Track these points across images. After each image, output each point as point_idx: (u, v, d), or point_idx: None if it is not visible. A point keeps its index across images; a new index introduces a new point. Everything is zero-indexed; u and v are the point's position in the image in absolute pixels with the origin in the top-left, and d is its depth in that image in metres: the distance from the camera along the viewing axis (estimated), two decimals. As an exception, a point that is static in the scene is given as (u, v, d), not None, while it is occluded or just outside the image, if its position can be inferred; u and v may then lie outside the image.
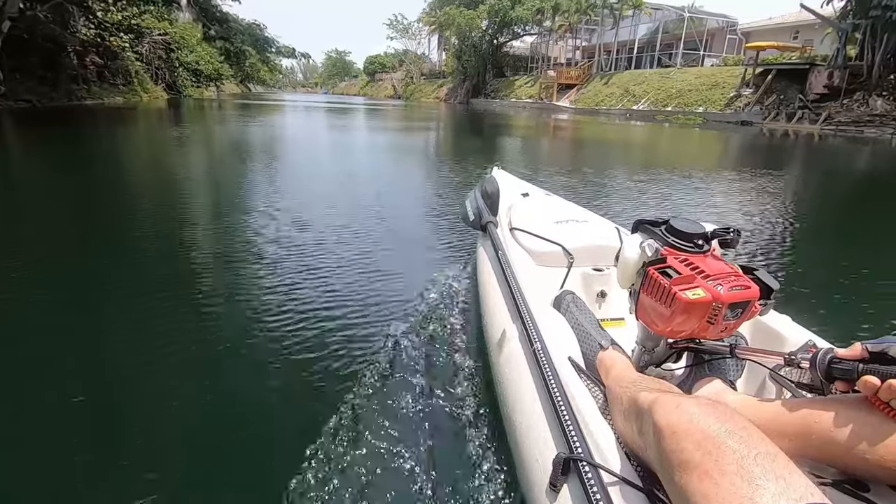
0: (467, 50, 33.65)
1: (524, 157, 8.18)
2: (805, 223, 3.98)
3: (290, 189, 4.64)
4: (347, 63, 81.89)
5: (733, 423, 0.52)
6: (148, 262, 2.54)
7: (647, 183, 5.34)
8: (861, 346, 0.63)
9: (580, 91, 25.48)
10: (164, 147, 7.61)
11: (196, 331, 1.78)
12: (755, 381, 1.06)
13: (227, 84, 51.54)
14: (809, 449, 0.65)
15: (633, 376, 0.86)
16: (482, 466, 1.12)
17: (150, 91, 20.12)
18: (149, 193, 4.36)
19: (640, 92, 21.44)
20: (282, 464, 1.14)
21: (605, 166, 6.79)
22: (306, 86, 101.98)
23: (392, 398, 1.37)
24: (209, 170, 5.87)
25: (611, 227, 1.76)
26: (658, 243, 0.93)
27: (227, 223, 3.26)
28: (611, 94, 23.08)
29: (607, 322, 1.44)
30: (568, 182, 5.30)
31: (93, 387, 1.43)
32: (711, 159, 8.64)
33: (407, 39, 49.16)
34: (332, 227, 3.13)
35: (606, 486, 0.66)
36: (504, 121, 17.88)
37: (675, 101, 19.34)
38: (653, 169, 6.56)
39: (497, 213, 1.90)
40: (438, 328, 1.77)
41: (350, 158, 7.33)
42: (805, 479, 0.46)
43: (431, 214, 3.76)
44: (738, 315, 0.83)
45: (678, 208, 4.24)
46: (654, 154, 9.58)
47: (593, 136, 13.17)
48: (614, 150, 9.77)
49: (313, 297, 2.07)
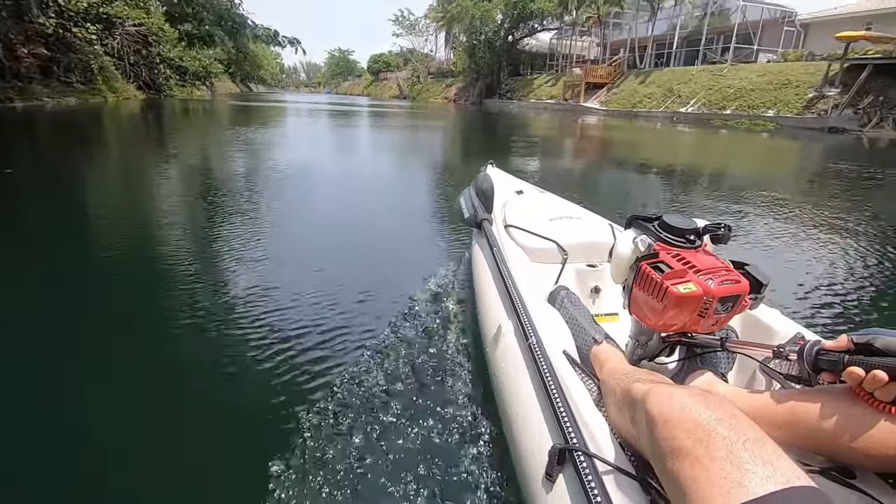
0: (481, 46, 30.77)
1: (560, 173, 6.36)
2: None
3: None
4: (351, 62, 79.45)
5: (723, 411, 0.53)
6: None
7: (746, 218, 3.73)
8: (847, 338, 0.64)
9: (611, 91, 22.59)
10: (90, 175, 4.91)
11: (188, 329, 1.74)
12: (746, 373, 1.07)
13: (224, 83, 48.94)
14: (798, 438, 0.67)
15: (627, 368, 0.89)
16: (480, 458, 1.14)
17: (121, 90, 17.28)
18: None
19: (687, 92, 18.54)
20: (278, 454, 1.13)
21: (676, 190, 5.10)
22: (309, 85, 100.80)
23: (389, 392, 1.37)
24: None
25: (604, 224, 1.77)
26: (651, 239, 0.94)
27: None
28: (650, 94, 20.18)
29: (601, 317, 1.43)
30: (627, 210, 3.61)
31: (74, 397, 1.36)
32: (815, 184, 5.93)
33: (413, 36, 46.38)
34: (332, 226, 3.24)
35: (601, 475, 0.67)
36: (526, 124, 15.34)
37: (733, 103, 16.44)
38: (740, 195, 4.63)
39: (492, 211, 1.89)
40: (434, 324, 1.76)
41: (357, 173, 5.92)
42: (792, 463, 0.47)
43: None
44: (729, 309, 0.84)
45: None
46: (727, 169, 7.15)
47: (640, 144, 10.55)
48: (677, 163, 7.48)
49: (310, 291, 2.08)
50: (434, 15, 41.23)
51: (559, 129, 14.25)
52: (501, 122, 15.86)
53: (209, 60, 25.06)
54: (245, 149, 7.16)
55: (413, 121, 16.19)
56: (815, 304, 2.14)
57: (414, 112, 21.75)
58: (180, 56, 22.47)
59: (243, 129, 10.22)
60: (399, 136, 11.23)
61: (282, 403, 1.33)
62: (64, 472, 1.11)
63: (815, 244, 3.11)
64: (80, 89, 14.33)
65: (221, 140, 8.32)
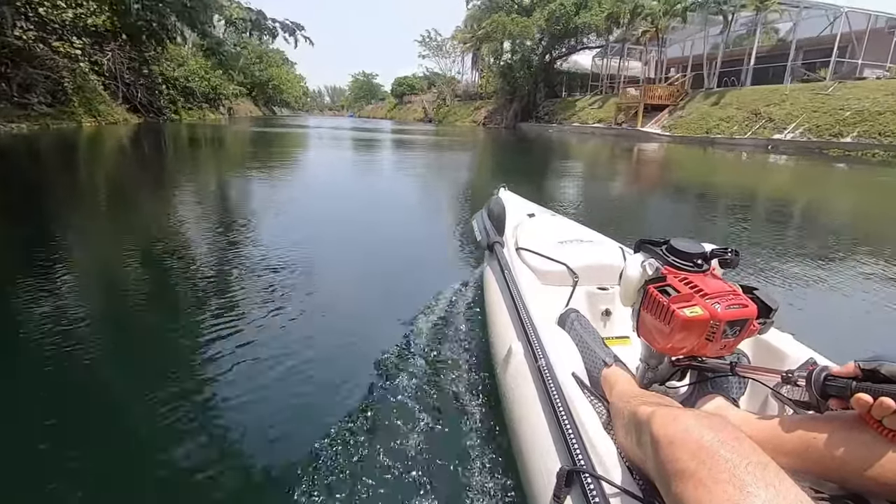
0: (517, 65, 28.01)
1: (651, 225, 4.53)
2: None
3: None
4: (374, 85, 78.45)
5: (726, 434, 0.53)
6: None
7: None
8: (854, 364, 0.63)
9: (674, 114, 19.32)
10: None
11: (209, 338, 1.77)
12: (758, 398, 1.05)
13: (244, 105, 47.36)
14: (808, 464, 0.65)
15: (636, 391, 0.88)
16: (488, 478, 1.13)
17: (106, 114, 14.77)
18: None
19: (781, 115, 15.12)
20: (285, 475, 1.13)
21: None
22: (333, 108, 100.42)
23: (398, 410, 1.37)
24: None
25: (615, 247, 1.75)
26: (659, 262, 0.93)
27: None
28: (727, 117, 16.82)
29: (612, 340, 1.41)
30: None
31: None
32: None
33: (440, 58, 44.28)
34: (346, 248, 3.22)
35: (608, 497, 0.66)
36: (573, 152, 12.88)
37: (853, 129, 12.94)
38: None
39: (503, 234, 1.89)
40: (445, 345, 1.75)
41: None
42: (796, 487, 0.47)
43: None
44: (737, 333, 0.83)
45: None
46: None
47: (745, 185, 7.22)
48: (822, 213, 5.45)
49: (324, 310, 2.12)
50: (462, 36, 39.18)
51: (621, 160, 11.16)
52: (543, 148, 13.39)
53: (219, 80, 22.76)
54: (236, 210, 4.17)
55: (441, 152, 13.22)
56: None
57: (440, 140, 18.83)
58: (186, 76, 20.20)
59: (247, 166, 7.58)
60: (432, 168, 8.22)
61: (289, 419, 1.35)
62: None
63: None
64: (42, 112, 11.63)
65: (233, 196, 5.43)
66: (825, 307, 2.55)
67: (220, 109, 28.71)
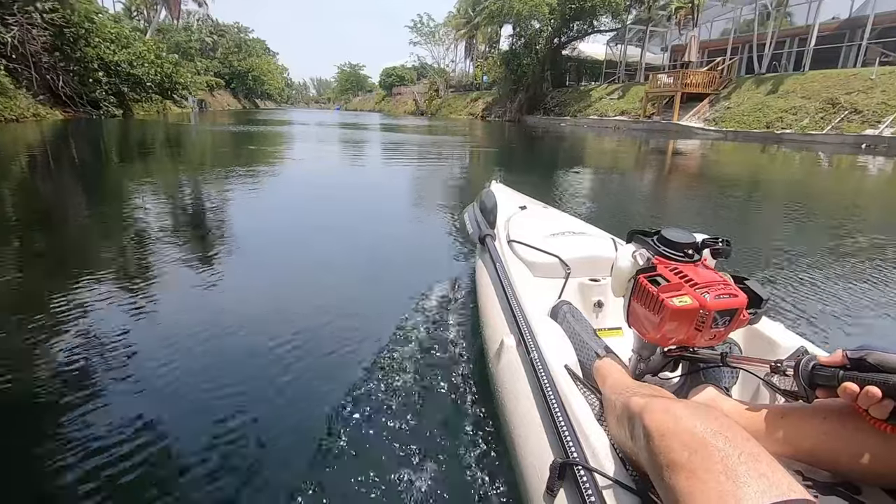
0: (523, 52, 24.70)
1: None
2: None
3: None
4: (361, 77, 74.46)
5: (718, 424, 0.53)
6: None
7: None
8: (842, 353, 0.63)
9: (716, 104, 16.26)
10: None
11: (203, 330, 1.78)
12: (750, 388, 1.06)
13: (222, 98, 43.13)
14: (800, 453, 0.66)
15: (628, 383, 0.87)
16: (481, 472, 1.12)
17: (3, 108, 11.23)
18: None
19: (870, 105, 12.11)
20: (277, 473, 1.12)
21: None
22: (319, 101, 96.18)
23: (390, 405, 1.36)
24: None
25: (607, 239, 1.75)
26: (650, 253, 0.93)
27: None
28: (793, 107, 13.78)
29: (604, 331, 1.43)
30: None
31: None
32: None
33: (432, 45, 40.72)
34: (337, 242, 3.18)
35: (601, 489, 0.67)
36: (616, 160, 9.34)
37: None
38: None
39: (495, 227, 1.89)
40: (437, 339, 1.74)
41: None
42: (788, 476, 0.47)
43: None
44: (727, 323, 0.83)
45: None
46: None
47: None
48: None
49: (315, 306, 2.10)
50: (456, 22, 35.73)
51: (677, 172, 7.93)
52: (569, 150, 10.39)
53: (173, 67, 19.00)
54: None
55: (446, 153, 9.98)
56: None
57: (442, 135, 15.50)
58: (129, 60, 16.51)
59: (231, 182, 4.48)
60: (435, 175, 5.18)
61: (281, 417, 1.33)
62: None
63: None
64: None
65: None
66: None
67: (186, 102, 24.97)
